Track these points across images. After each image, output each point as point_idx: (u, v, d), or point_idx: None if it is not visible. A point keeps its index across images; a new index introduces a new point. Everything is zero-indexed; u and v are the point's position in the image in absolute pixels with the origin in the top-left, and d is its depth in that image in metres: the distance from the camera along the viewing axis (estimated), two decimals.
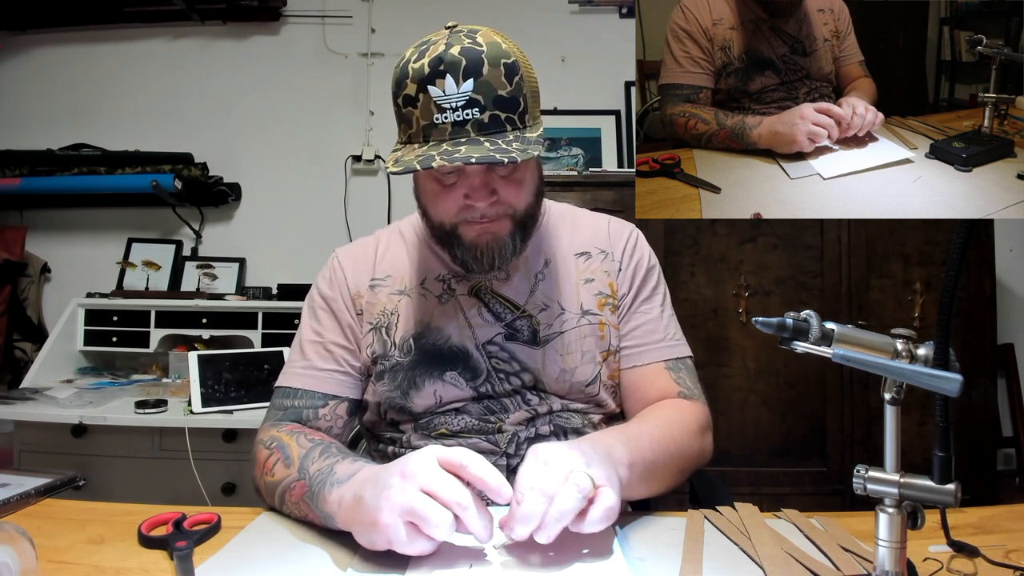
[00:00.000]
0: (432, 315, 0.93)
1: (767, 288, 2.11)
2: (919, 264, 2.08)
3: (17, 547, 0.55)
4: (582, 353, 0.92)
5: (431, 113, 0.77)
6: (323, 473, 0.74)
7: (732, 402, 2.10)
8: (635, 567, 0.65)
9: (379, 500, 0.61)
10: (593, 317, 0.95)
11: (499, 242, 0.86)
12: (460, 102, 0.76)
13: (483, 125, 0.77)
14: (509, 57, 0.79)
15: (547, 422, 0.91)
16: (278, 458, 0.82)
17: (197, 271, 2.59)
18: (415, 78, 0.78)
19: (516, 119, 0.79)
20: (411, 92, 0.78)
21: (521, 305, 0.93)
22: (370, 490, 0.64)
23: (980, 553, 0.64)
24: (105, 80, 2.75)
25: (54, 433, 1.88)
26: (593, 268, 0.98)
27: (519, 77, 0.79)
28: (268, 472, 0.82)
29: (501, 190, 0.84)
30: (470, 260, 0.87)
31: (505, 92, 0.78)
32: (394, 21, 2.74)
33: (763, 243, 2.11)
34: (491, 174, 0.83)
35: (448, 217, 0.86)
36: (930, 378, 0.51)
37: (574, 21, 2.73)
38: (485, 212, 0.84)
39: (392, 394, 0.91)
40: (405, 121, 0.81)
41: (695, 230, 2.11)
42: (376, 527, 0.61)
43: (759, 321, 0.57)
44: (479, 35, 0.79)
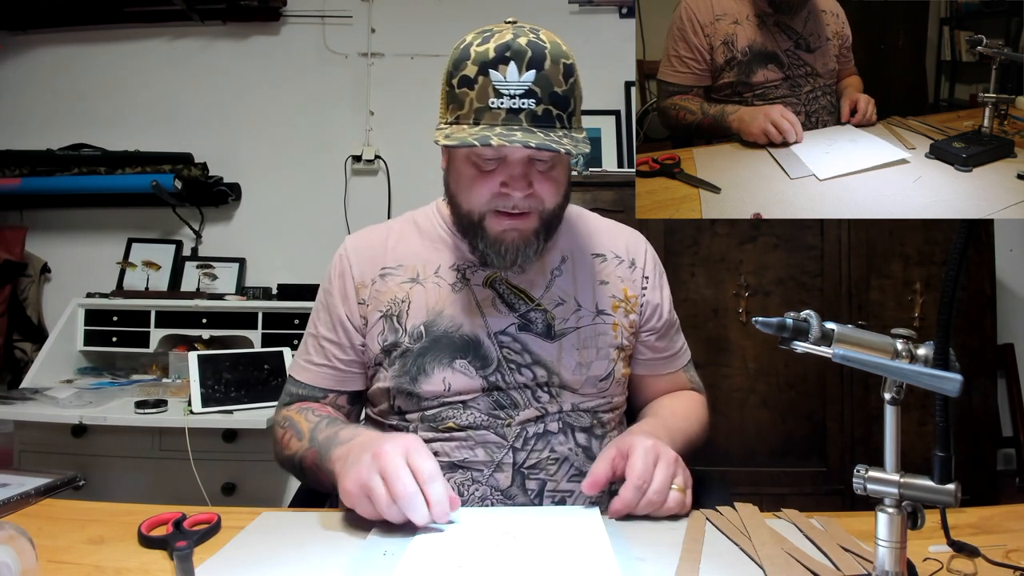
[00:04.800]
0: (444, 303, 0.93)
1: (767, 288, 2.11)
2: (919, 264, 2.08)
3: (17, 547, 0.56)
4: (597, 349, 0.94)
5: (487, 97, 0.79)
6: (329, 439, 0.83)
7: (732, 402, 2.09)
8: (635, 567, 0.65)
9: (350, 469, 0.73)
10: (607, 317, 0.96)
11: (524, 239, 0.87)
12: (519, 91, 0.78)
13: (536, 117, 0.79)
14: (568, 58, 0.82)
15: (557, 419, 0.91)
16: (292, 434, 0.91)
17: (197, 271, 2.59)
18: (477, 60, 0.80)
19: (566, 118, 0.81)
20: (470, 74, 0.80)
21: (536, 298, 0.94)
22: (353, 457, 0.74)
23: (980, 553, 0.64)
24: (105, 80, 2.75)
25: (54, 433, 1.88)
26: (608, 271, 0.99)
27: (574, 79, 0.83)
28: (286, 447, 0.91)
29: (537, 184, 0.85)
30: (492, 254, 0.89)
31: (561, 90, 0.80)
32: (394, 21, 2.74)
33: (763, 243, 2.11)
34: (531, 167, 0.84)
35: (479, 205, 0.86)
36: (930, 378, 0.51)
37: (574, 21, 2.73)
38: (518, 204, 0.85)
39: (401, 379, 0.91)
40: (455, 102, 0.82)
41: (695, 230, 2.11)
42: (342, 490, 0.73)
43: (759, 321, 0.57)
44: (542, 32, 0.83)
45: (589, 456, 0.91)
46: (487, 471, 0.88)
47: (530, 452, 0.89)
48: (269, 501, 1.85)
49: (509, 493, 0.88)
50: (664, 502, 0.76)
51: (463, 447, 0.89)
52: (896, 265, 2.08)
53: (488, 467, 0.88)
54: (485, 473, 0.88)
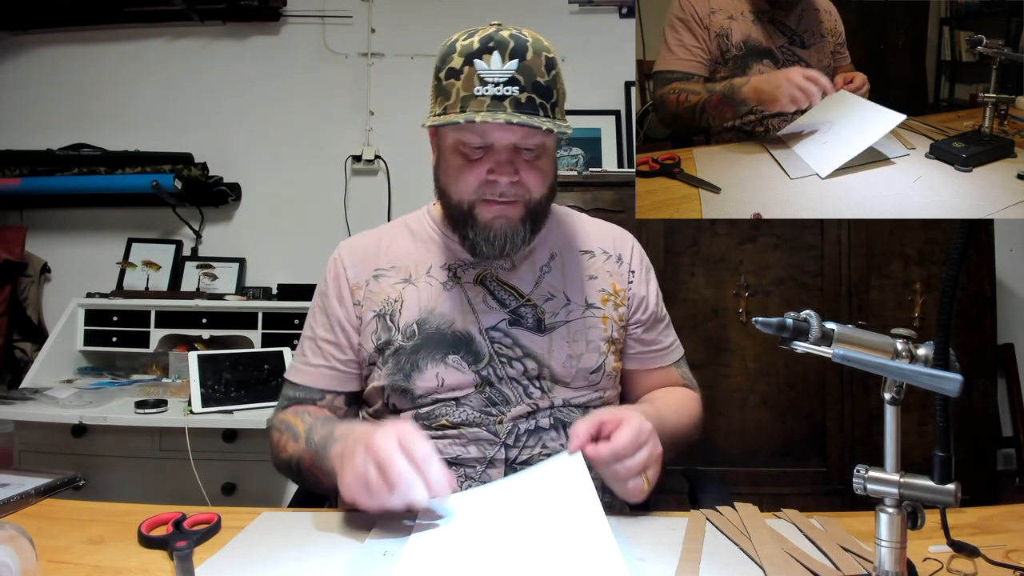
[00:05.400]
0: (436, 301, 0.95)
1: (767, 288, 2.11)
2: (919, 264, 2.08)
3: (17, 547, 0.56)
4: (587, 342, 0.95)
5: (472, 85, 0.82)
6: (325, 439, 0.83)
7: (732, 402, 2.09)
8: (635, 567, 0.65)
9: (346, 464, 0.73)
10: (597, 310, 0.98)
11: (512, 226, 0.90)
12: (502, 78, 0.82)
13: (520, 104, 0.82)
14: (550, 52, 0.87)
15: (548, 415, 0.92)
16: (288, 436, 0.91)
17: (197, 271, 2.59)
18: (463, 52, 0.84)
19: (548, 107, 0.85)
20: (456, 65, 0.84)
21: (526, 293, 0.96)
22: (348, 452, 0.75)
23: (980, 553, 0.64)
24: (105, 80, 2.75)
25: (54, 433, 1.88)
26: (596, 267, 1.01)
27: (556, 72, 0.87)
28: (283, 449, 0.91)
29: (523, 172, 0.88)
30: (482, 242, 0.91)
31: (543, 80, 0.84)
32: (394, 21, 2.74)
33: (763, 243, 2.11)
34: (516, 155, 0.87)
35: (468, 193, 0.89)
36: (930, 378, 0.51)
37: (574, 21, 2.73)
38: (504, 191, 0.88)
39: (395, 376, 0.92)
40: (443, 94, 0.85)
41: (695, 230, 2.11)
42: (342, 486, 0.73)
43: (759, 321, 0.57)
44: (525, 30, 0.87)
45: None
46: (480, 468, 0.89)
47: (522, 448, 0.90)
48: (269, 501, 1.85)
49: None
50: (627, 480, 0.76)
51: (456, 444, 0.90)
52: (896, 265, 2.08)
53: (481, 464, 0.89)
54: (478, 470, 0.89)
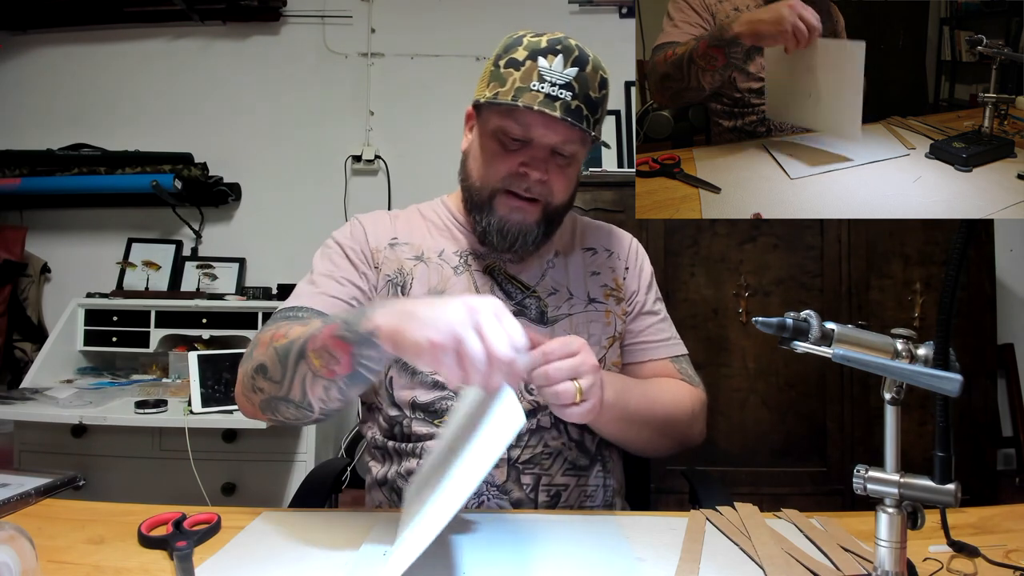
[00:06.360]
0: (446, 284, 0.95)
1: (767, 288, 2.11)
2: (919, 264, 2.08)
3: (17, 547, 0.55)
4: (588, 335, 0.96)
5: (531, 79, 0.84)
6: (359, 311, 0.70)
7: (732, 402, 2.10)
8: (635, 567, 0.65)
9: (429, 314, 0.62)
10: (599, 305, 0.99)
11: (527, 226, 0.91)
12: (560, 81, 0.84)
13: (569, 109, 0.84)
14: (605, 73, 0.89)
15: (548, 412, 0.91)
16: (291, 325, 0.78)
17: (197, 271, 2.59)
18: (529, 47, 0.86)
19: (592, 122, 0.87)
20: (518, 57, 0.86)
21: (531, 286, 0.97)
22: (425, 306, 0.64)
23: (980, 553, 0.64)
24: (105, 80, 2.75)
25: (54, 433, 1.88)
26: (599, 263, 1.03)
27: (605, 92, 0.90)
28: (281, 338, 0.76)
29: (552, 174, 0.89)
30: (495, 232, 0.91)
31: (594, 95, 0.87)
32: (394, 21, 2.74)
33: (763, 243, 2.11)
34: (551, 157, 0.89)
35: (494, 180, 0.90)
36: (930, 378, 0.51)
37: (574, 21, 2.73)
38: (531, 187, 0.88)
39: None
40: (498, 80, 0.86)
41: (695, 230, 2.11)
42: (418, 339, 0.61)
43: (759, 321, 0.57)
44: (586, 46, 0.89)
45: (582, 450, 0.93)
46: None
47: (524, 447, 0.90)
48: (269, 501, 1.85)
49: (505, 488, 0.88)
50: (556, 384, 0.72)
51: None
52: (896, 265, 2.08)
53: None
54: None
